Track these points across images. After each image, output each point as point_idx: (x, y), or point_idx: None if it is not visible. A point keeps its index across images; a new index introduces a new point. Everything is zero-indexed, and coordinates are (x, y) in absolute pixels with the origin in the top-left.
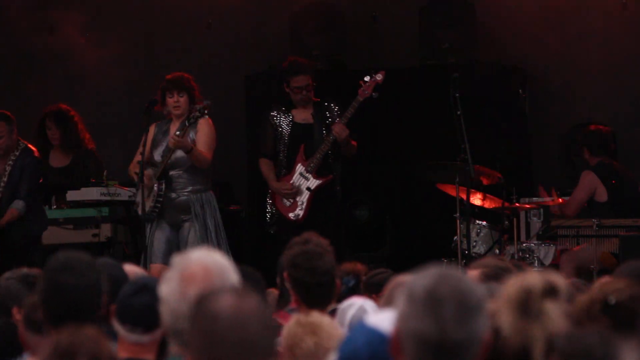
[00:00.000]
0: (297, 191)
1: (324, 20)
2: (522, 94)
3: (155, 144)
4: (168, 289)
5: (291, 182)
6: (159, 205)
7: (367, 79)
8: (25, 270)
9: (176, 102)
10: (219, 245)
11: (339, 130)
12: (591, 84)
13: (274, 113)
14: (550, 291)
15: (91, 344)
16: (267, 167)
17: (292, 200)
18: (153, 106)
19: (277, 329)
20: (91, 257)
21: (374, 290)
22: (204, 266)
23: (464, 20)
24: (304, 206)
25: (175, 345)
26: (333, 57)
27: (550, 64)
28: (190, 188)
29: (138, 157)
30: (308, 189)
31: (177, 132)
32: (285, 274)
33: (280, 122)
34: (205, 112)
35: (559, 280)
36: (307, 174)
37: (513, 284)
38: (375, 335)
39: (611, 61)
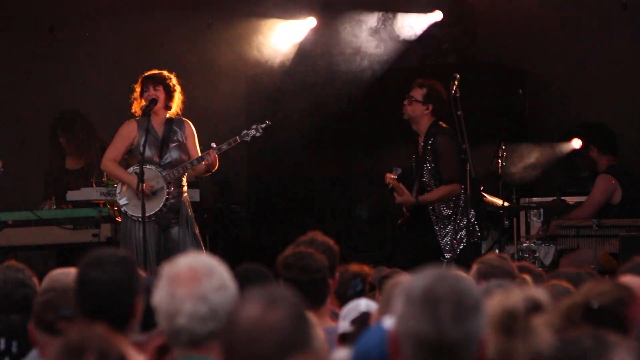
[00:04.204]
0: None
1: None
2: (522, 94)
3: (140, 141)
4: (159, 295)
5: None
6: (165, 208)
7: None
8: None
9: (152, 95)
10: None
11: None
12: (591, 84)
13: None
14: (534, 307)
15: (100, 341)
16: None
17: None
18: (152, 106)
19: (306, 336)
20: (124, 253)
21: None
22: (190, 267)
23: (464, 20)
24: None
25: (178, 348)
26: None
27: (550, 64)
28: (179, 190)
29: (112, 155)
30: None
31: (218, 148)
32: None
33: None
34: (261, 131)
35: (540, 293)
36: None
37: (494, 305)
38: (386, 337)
39: (611, 61)
